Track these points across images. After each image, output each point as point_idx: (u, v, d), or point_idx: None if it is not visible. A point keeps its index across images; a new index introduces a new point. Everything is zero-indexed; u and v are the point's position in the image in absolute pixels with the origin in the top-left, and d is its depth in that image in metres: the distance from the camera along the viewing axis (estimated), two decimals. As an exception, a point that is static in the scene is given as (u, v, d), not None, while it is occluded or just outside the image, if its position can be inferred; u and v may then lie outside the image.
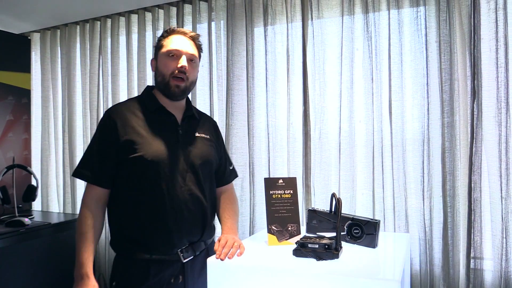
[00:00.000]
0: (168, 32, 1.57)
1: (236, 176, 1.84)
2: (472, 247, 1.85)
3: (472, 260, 1.86)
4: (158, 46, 1.58)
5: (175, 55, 1.52)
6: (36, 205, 2.98)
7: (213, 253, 1.56)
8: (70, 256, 1.50)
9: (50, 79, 3.00)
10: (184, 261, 1.51)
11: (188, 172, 1.53)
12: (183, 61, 1.51)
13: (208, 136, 1.65)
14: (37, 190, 2.56)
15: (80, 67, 2.88)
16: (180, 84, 1.53)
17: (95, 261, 1.48)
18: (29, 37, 3.06)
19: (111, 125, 1.50)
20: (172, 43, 1.53)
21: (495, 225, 1.83)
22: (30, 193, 2.52)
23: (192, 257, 1.54)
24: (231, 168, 1.80)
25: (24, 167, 2.54)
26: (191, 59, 1.55)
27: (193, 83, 1.60)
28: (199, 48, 1.61)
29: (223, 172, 1.74)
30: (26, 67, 2.88)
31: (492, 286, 1.85)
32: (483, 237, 1.86)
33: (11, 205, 2.47)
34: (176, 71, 1.51)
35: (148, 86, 1.65)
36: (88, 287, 1.41)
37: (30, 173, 2.58)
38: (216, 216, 1.71)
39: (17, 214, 2.44)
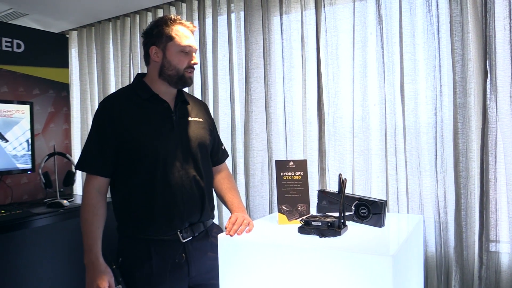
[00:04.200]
0: (173, 21, 1.58)
1: (227, 155, 1.89)
2: (486, 230, 1.82)
3: (487, 243, 1.82)
4: (166, 36, 1.57)
5: (188, 51, 1.58)
6: (78, 190, 3.22)
7: (212, 235, 1.64)
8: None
9: (87, 73, 3.22)
10: (184, 241, 1.56)
11: (186, 157, 1.57)
12: (196, 58, 1.61)
13: (201, 119, 1.70)
14: (75, 175, 2.78)
15: (113, 62, 3.07)
16: (192, 76, 1.62)
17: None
18: (67, 35, 3.28)
19: (107, 116, 1.54)
20: (184, 38, 1.57)
21: (511, 207, 1.80)
22: (69, 178, 2.75)
23: (191, 237, 1.58)
24: (223, 148, 1.85)
25: (63, 154, 2.76)
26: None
27: None
28: None
29: (217, 152, 1.79)
30: (64, 63, 3.10)
31: (508, 269, 1.82)
32: (499, 219, 1.83)
33: (53, 189, 2.70)
34: (189, 66, 1.59)
35: (138, 74, 1.68)
36: (98, 271, 1.46)
37: (69, 160, 2.81)
38: (216, 196, 1.77)
39: (58, 197, 2.67)
